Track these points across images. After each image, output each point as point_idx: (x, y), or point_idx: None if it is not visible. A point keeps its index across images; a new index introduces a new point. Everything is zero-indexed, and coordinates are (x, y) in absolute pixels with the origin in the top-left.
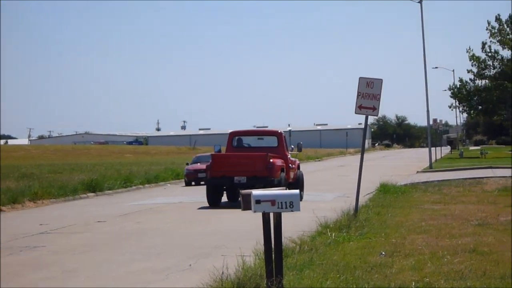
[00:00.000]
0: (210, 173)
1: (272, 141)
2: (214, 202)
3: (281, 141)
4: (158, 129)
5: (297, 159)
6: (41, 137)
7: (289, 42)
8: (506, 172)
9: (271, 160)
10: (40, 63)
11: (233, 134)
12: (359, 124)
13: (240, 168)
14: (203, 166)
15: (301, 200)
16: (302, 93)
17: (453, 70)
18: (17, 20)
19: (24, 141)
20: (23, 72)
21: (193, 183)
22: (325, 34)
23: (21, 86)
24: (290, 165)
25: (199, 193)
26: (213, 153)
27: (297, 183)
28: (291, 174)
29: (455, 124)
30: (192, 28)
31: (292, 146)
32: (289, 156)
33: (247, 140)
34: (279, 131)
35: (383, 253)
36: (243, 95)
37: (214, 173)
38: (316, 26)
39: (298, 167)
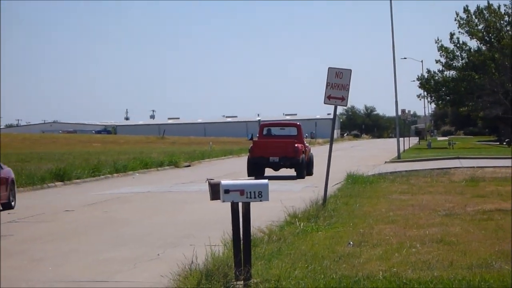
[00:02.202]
0: (252, 154)
1: (293, 131)
2: (252, 176)
3: (300, 131)
4: (126, 118)
5: (308, 145)
6: (9, 126)
7: (258, 31)
8: (473, 163)
9: (296, 145)
10: (6, 51)
11: (263, 125)
12: (328, 114)
13: (274, 151)
14: None
15: (311, 175)
16: (271, 82)
17: (422, 61)
18: None
19: None
20: None
21: None
22: (294, 24)
23: None
24: (305, 149)
25: (168, 182)
26: (254, 139)
27: (309, 162)
28: (306, 156)
29: (423, 114)
30: (160, 17)
31: (306, 135)
32: (305, 142)
33: (274, 130)
34: (298, 123)
35: (351, 243)
36: (212, 84)
37: (255, 154)
38: (286, 16)
39: (310, 150)
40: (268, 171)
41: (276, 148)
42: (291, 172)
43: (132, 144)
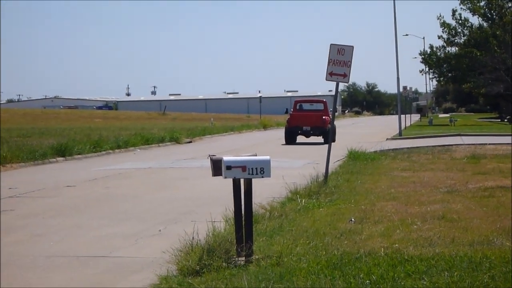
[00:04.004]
0: (289, 124)
1: (320, 106)
2: (289, 143)
3: (326, 106)
4: (128, 94)
5: None
6: (10, 101)
7: (259, 8)
8: (474, 140)
9: (323, 117)
10: (8, 26)
11: (297, 102)
12: (330, 91)
13: (306, 121)
14: None
15: (334, 141)
16: (272, 59)
17: (424, 38)
18: None
19: None
20: None
21: None
22: (296, 0)
23: None
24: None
25: (169, 158)
26: (290, 112)
27: (333, 132)
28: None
29: (425, 91)
30: None
31: (331, 109)
32: (330, 115)
33: (305, 106)
34: (324, 100)
35: (353, 219)
36: (214, 61)
37: (291, 124)
38: None
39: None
40: (300, 138)
41: (308, 120)
42: (319, 139)
43: (134, 120)
